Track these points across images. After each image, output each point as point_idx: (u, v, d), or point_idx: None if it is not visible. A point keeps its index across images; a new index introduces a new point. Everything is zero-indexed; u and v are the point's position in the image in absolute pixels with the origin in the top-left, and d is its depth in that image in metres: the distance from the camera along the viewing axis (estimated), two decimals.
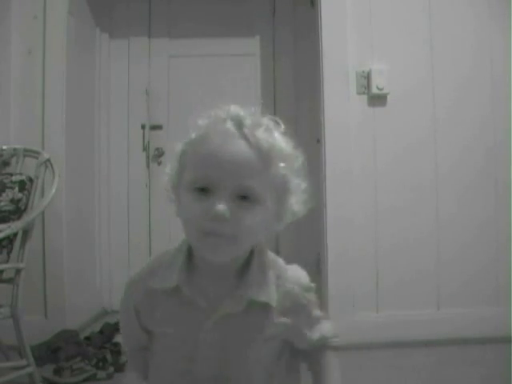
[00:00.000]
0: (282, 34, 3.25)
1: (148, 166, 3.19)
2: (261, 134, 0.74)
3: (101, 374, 1.94)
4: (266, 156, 0.73)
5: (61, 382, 1.88)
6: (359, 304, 2.34)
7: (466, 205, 2.39)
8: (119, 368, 1.97)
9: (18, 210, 1.86)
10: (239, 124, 0.74)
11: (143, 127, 3.21)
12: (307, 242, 3.07)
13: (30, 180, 1.93)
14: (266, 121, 0.77)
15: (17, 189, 1.88)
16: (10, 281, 1.77)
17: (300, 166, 0.79)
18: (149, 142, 3.21)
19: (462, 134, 2.40)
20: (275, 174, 0.75)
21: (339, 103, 2.37)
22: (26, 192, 1.89)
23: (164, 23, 3.27)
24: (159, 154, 3.18)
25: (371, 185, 2.38)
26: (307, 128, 3.04)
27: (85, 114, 2.92)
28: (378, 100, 2.39)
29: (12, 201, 1.86)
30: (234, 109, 0.76)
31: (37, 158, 1.99)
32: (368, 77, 2.38)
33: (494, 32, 2.41)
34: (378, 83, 2.35)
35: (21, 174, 1.96)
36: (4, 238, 1.74)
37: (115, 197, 3.18)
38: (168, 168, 0.80)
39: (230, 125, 0.74)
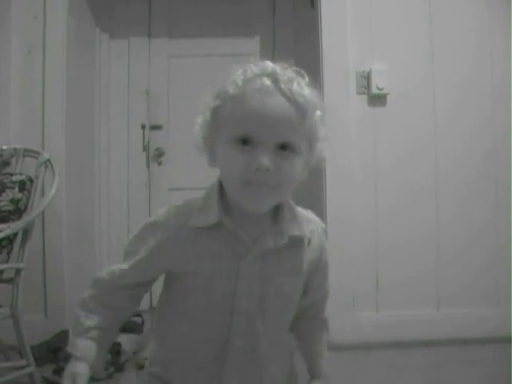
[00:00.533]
0: (282, 34, 3.25)
1: (148, 166, 3.18)
2: (296, 88, 0.78)
3: (101, 373, 1.93)
4: (302, 110, 0.78)
5: (61, 382, 1.88)
6: (359, 304, 2.34)
7: (465, 205, 2.39)
8: (119, 368, 1.97)
9: (18, 210, 1.86)
10: (275, 80, 0.78)
11: (143, 127, 3.21)
12: None
13: (30, 180, 1.93)
14: (296, 75, 0.82)
15: (17, 189, 1.88)
16: (10, 281, 1.77)
17: (324, 119, 0.85)
18: (149, 142, 3.20)
19: (461, 134, 2.40)
20: (309, 125, 0.80)
21: (339, 103, 2.37)
22: (25, 192, 1.89)
23: (164, 23, 3.27)
24: (159, 154, 3.17)
25: (371, 185, 2.38)
26: None
27: (85, 114, 2.92)
28: (377, 100, 2.39)
29: (12, 201, 1.86)
30: (269, 65, 0.80)
31: (37, 158, 1.99)
32: (368, 77, 2.38)
33: (494, 32, 2.41)
34: (378, 83, 2.35)
35: (21, 173, 1.96)
36: (4, 238, 1.74)
37: (115, 197, 3.17)
38: (200, 119, 0.83)
39: (267, 81, 0.78)
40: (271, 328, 0.85)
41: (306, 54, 2.91)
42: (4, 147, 2.10)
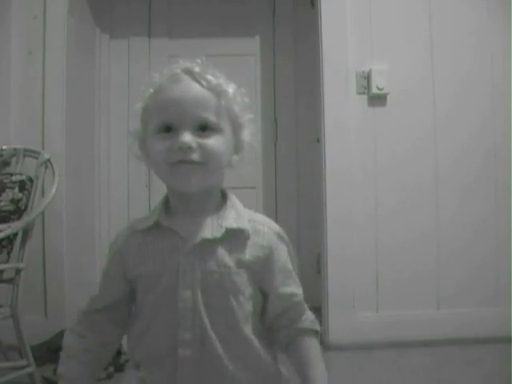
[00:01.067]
0: (281, 34, 3.25)
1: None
2: (209, 76, 0.85)
3: (101, 373, 1.93)
4: (216, 92, 0.84)
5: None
6: (359, 304, 2.34)
7: (465, 205, 2.39)
8: (119, 368, 1.97)
9: (18, 210, 1.86)
10: (190, 72, 0.85)
11: None
12: (307, 241, 3.07)
13: (30, 180, 1.93)
14: (211, 69, 0.88)
15: (17, 189, 1.88)
16: (10, 281, 1.77)
17: (247, 103, 0.90)
18: None
19: (462, 134, 2.40)
20: (227, 107, 0.85)
21: (339, 103, 2.37)
22: (26, 192, 1.89)
23: (164, 23, 3.27)
24: None
25: (371, 185, 2.38)
26: (307, 128, 3.05)
27: (85, 114, 2.92)
28: (377, 100, 2.39)
29: (12, 201, 1.86)
30: (183, 62, 0.87)
31: (37, 158, 1.99)
32: (368, 77, 2.38)
33: (494, 32, 2.41)
34: (378, 83, 2.35)
35: (21, 173, 1.96)
36: (4, 238, 1.74)
37: (115, 197, 3.17)
38: (132, 129, 0.91)
39: (181, 73, 0.85)
40: (219, 323, 0.84)
41: (306, 54, 2.92)
42: (4, 147, 2.10)
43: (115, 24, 3.23)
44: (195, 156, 0.81)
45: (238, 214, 0.88)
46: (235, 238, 0.86)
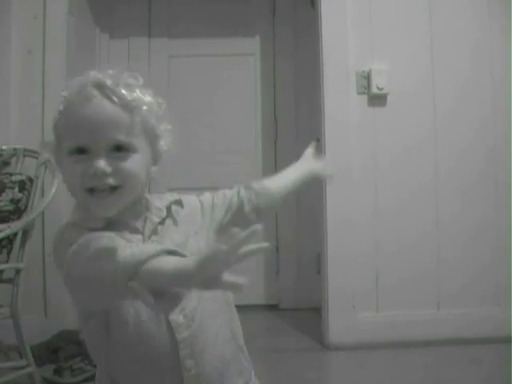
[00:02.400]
0: (282, 34, 3.25)
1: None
2: (122, 91, 0.81)
3: None
4: (130, 109, 0.80)
5: (61, 382, 1.89)
6: (359, 304, 2.34)
7: (466, 205, 2.39)
8: None
9: (18, 210, 1.86)
10: (100, 86, 0.80)
11: None
12: (307, 242, 3.07)
13: (30, 180, 1.93)
14: (126, 78, 0.83)
15: (17, 189, 1.88)
16: (9, 281, 1.77)
17: (162, 111, 0.88)
18: None
19: (462, 134, 2.40)
20: (142, 122, 0.82)
21: (339, 103, 2.37)
22: (25, 192, 1.89)
23: (164, 23, 3.27)
24: None
25: (371, 185, 2.38)
26: (307, 128, 3.05)
27: None
28: (377, 100, 2.39)
29: (12, 201, 1.86)
30: (93, 74, 0.83)
31: (37, 158, 1.99)
32: (368, 77, 2.38)
33: (494, 32, 2.41)
34: (378, 83, 2.35)
35: (21, 174, 1.96)
36: (4, 238, 1.74)
37: None
38: (48, 141, 0.86)
39: (90, 89, 0.80)
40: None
41: (306, 54, 2.92)
42: (4, 147, 2.10)
43: (115, 24, 3.23)
44: (111, 181, 0.78)
45: (165, 196, 0.92)
46: (174, 214, 0.89)
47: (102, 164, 0.77)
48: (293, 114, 3.21)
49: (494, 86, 2.40)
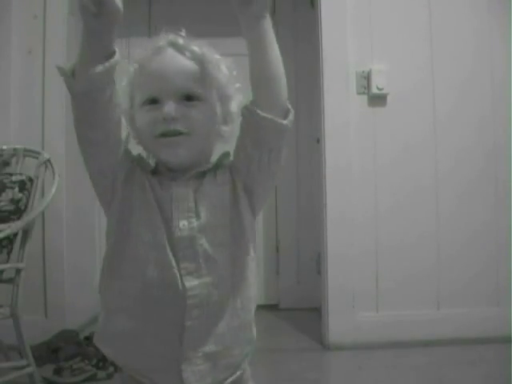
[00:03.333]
0: (282, 34, 3.24)
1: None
2: (192, 46, 0.86)
3: (101, 373, 1.94)
4: (200, 61, 0.85)
5: (61, 382, 1.89)
6: (359, 304, 2.34)
7: (465, 205, 2.39)
8: (119, 368, 1.97)
9: (18, 210, 1.86)
10: (173, 44, 0.85)
11: None
12: (307, 242, 3.07)
13: (30, 180, 1.93)
14: (196, 40, 0.88)
15: (17, 189, 1.88)
16: (9, 281, 1.77)
17: (234, 74, 0.91)
18: None
19: (462, 134, 2.40)
20: (212, 76, 0.85)
21: (339, 103, 2.37)
22: (26, 192, 1.89)
23: (164, 23, 3.25)
24: None
25: (371, 185, 2.38)
26: (307, 128, 3.05)
27: None
28: (377, 100, 2.39)
29: (12, 201, 1.86)
30: (166, 34, 0.87)
31: (37, 158, 1.99)
32: (368, 77, 2.38)
33: (494, 32, 2.41)
34: (378, 83, 2.35)
35: (21, 174, 1.96)
36: (4, 238, 1.74)
37: None
38: (123, 107, 0.87)
39: (164, 45, 0.85)
40: (218, 245, 0.83)
41: (306, 54, 2.92)
42: (4, 147, 2.09)
43: None
44: (179, 126, 0.81)
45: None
46: (217, 170, 0.87)
47: (171, 108, 0.80)
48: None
49: (493, 86, 2.40)
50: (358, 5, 2.39)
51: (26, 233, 1.81)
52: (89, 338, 2.19)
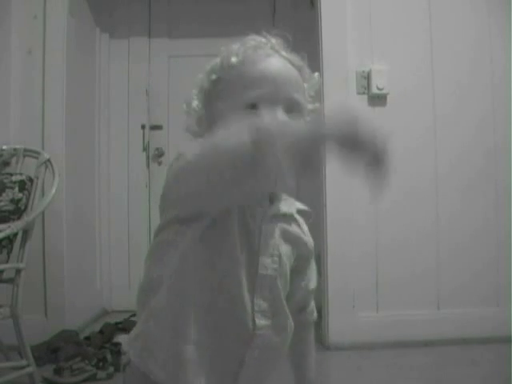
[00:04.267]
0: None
1: (148, 166, 3.19)
2: (290, 55, 0.82)
3: (101, 373, 1.94)
4: (303, 74, 0.82)
5: (61, 382, 1.88)
6: (359, 304, 2.34)
7: (465, 205, 2.39)
8: (119, 368, 1.97)
9: (18, 210, 1.86)
10: (274, 48, 0.81)
11: (143, 127, 3.21)
12: None
13: (30, 180, 1.93)
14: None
15: (17, 189, 1.88)
16: (9, 281, 1.77)
17: (318, 87, 0.87)
18: (149, 142, 3.21)
19: (461, 134, 2.40)
20: (308, 91, 0.83)
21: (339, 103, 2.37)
22: (26, 192, 1.89)
23: (164, 23, 3.27)
24: (159, 154, 3.18)
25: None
26: None
27: (85, 114, 2.92)
28: (378, 100, 2.39)
29: (12, 201, 1.86)
30: (260, 36, 0.83)
31: (37, 158, 1.99)
32: (368, 77, 2.38)
33: (494, 32, 2.41)
34: (378, 83, 2.35)
35: (21, 173, 1.96)
36: (4, 238, 1.74)
37: (115, 197, 3.18)
38: (194, 104, 0.84)
39: (266, 47, 0.81)
40: (288, 293, 0.83)
41: (306, 54, 2.91)
42: (4, 147, 2.10)
43: (115, 24, 3.23)
44: None
45: (294, 201, 0.88)
46: (298, 218, 0.87)
47: (282, 116, 0.75)
48: None
49: (493, 86, 2.40)
50: (358, 5, 2.39)
51: (26, 233, 1.81)
52: (89, 338, 2.19)
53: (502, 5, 2.39)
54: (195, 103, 0.84)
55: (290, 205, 0.85)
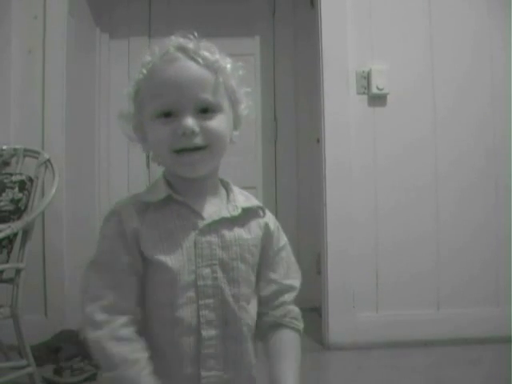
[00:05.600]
0: (282, 34, 3.25)
1: (148, 166, 3.18)
2: (203, 52, 0.82)
3: (101, 374, 1.93)
4: (214, 69, 0.81)
5: (61, 382, 1.89)
6: (359, 304, 2.34)
7: (465, 205, 2.39)
8: None
9: (18, 210, 1.86)
10: (183, 49, 0.81)
11: None
12: (307, 242, 3.07)
13: (30, 180, 1.93)
14: (205, 43, 0.85)
15: (17, 189, 1.88)
16: (9, 281, 1.77)
17: (242, 75, 0.87)
18: None
19: (461, 133, 2.40)
20: (225, 84, 0.83)
21: (339, 103, 2.37)
22: (26, 192, 1.89)
23: (164, 23, 3.27)
24: None
25: (371, 185, 2.38)
26: (307, 128, 3.05)
27: (85, 114, 2.92)
28: (378, 100, 2.39)
29: (12, 201, 1.86)
30: (174, 38, 0.83)
31: (37, 158, 1.99)
32: (368, 77, 2.38)
33: (494, 32, 2.41)
34: (378, 83, 2.35)
35: (21, 174, 1.96)
36: (4, 238, 1.74)
37: (115, 197, 3.15)
38: (124, 111, 0.86)
39: (175, 52, 0.81)
40: (239, 299, 0.83)
41: (306, 54, 2.92)
42: (4, 147, 2.09)
43: (115, 24, 3.23)
44: (199, 140, 0.78)
45: (247, 197, 0.89)
46: (248, 217, 0.87)
47: (190, 122, 0.77)
48: (293, 114, 3.21)
49: (493, 86, 2.40)
50: (358, 5, 2.39)
51: (26, 233, 1.80)
52: None
53: (502, 5, 2.39)
54: (126, 112, 0.86)
55: (233, 206, 0.85)
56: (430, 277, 2.36)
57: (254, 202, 0.89)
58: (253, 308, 0.87)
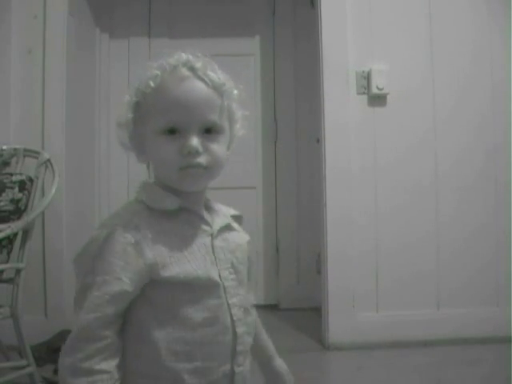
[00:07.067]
0: (282, 34, 3.25)
1: (148, 166, 3.18)
2: (211, 73, 0.83)
3: None
4: (221, 92, 0.83)
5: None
6: (359, 304, 2.34)
7: (465, 205, 2.39)
8: None
9: (18, 210, 1.86)
10: (191, 67, 0.82)
11: None
12: (307, 242, 3.07)
13: (30, 180, 1.93)
14: (210, 63, 0.85)
15: (17, 189, 1.88)
16: (9, 281, 1.77)
17: (244, 98, 0.89)
18: None
19: (462, 134, 2.40)
20: (228, 106, 0.85)
21: (339, 103, 2.37)
22: (26, 192, 1.89)
23: (164, 23, 3.27)
24: None
25: (371, 185, 2.38)
26: (307, 128, 3.05)
27: (85, 114, 2.92)
28: (378, 100, 2.39)
29: (12, 201, 1.86)
30: (183, 55, 0.84)
31: (37, 158, 1.99)
32: (368, 77, 2.38)
33: (494, 32, 2.41)
34: (378, 83, 2.35)
35: (21, 174, 1.96)
36: (4, 238, 1.74)
37: (115, 197, 3.17)
38: (122, 118, 0.85)
39: (183, 69, 0.82)
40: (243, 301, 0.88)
41: (306, 54, 2.92)
42: (4, 147, 2.09)
43: (115, 24, 3.23)
44: (202, 160, 0.80)
45: (225, 207, 0.94)
46: (236, 224, 0.92)
47: (195, 142, 0.79)
48: (293, 114, 3.21)
49: (493, 86, 2.40)
50: (358, 5, 2.39)
51: (26, 233, 1.81)
52: None
53: (502, 5, 2.39)
54: (124, 120, 0.86)
55: (223, 214, 0.90)
56: (430, 277, 2.36)
57: (235, 210, 0.94)
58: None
